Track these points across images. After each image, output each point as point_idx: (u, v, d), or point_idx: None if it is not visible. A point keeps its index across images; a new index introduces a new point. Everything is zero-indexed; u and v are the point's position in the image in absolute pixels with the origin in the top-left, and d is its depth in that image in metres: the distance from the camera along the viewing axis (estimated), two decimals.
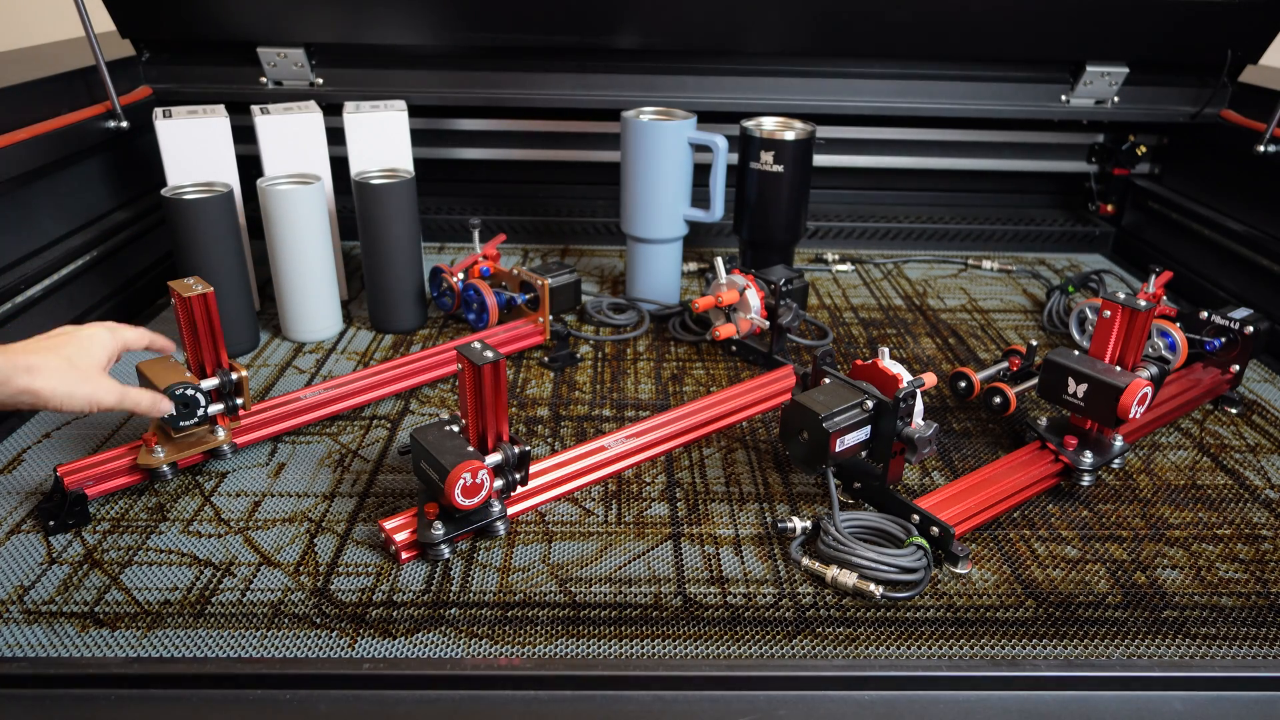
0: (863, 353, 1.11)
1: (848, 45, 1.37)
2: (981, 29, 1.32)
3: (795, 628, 0.66)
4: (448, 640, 0.64)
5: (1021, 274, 1.40)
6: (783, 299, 1.02)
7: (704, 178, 1.18)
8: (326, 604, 0.67)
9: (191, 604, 0.67)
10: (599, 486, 0.83)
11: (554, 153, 1.50)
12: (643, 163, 1.16)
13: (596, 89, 1.38)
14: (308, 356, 1.07)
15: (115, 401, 0.70)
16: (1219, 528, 0.78)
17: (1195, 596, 0.70)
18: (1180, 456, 0.90)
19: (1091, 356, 0.81)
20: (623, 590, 0.69)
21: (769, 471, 0.85)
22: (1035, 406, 0.98)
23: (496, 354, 0.70)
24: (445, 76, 1.37)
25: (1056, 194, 1.64)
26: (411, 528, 0.73)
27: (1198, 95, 1.40)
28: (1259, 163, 1.22)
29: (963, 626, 0.66)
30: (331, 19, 1.29)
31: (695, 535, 0.76)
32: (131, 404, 0.72)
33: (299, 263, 1.06)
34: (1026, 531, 0.77)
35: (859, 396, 0.74)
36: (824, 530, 0.72)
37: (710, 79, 1.39)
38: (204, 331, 0.79)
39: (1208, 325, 0.99)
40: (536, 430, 0.92)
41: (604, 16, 1.29)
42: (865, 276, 1.38)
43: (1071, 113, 1.43)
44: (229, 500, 0.79)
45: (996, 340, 1.16)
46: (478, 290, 1.11)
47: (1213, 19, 1.28)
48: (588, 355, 1.09)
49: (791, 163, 1.17)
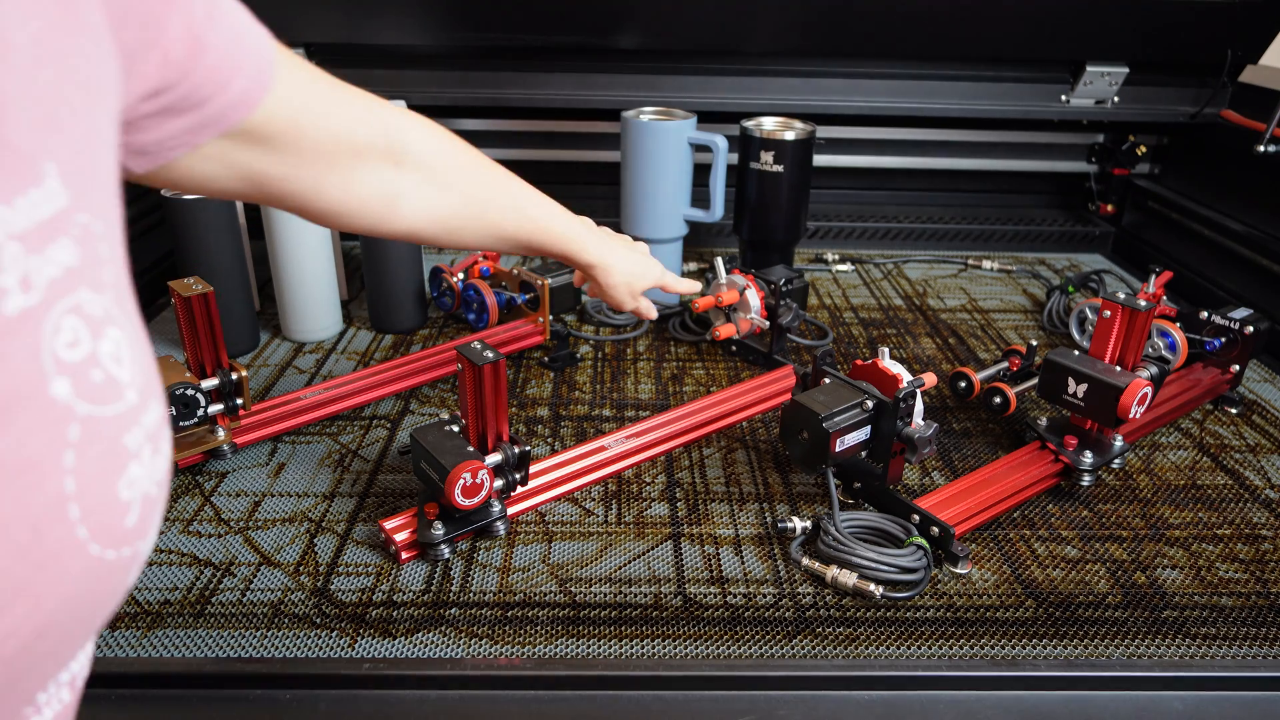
0: (863, 353, 1.11)
1: (848, 45, 1.37)
2: (981, 29, 1.32)
3: (795, 628, 0.66)
4: (448, 640, 0.64)
5: (1021, 274, 1.40)
6: (783, 299, 1.02)
7: (704, 178, 1.18)
8: (326, 604, 0.67)
9: (191, 604, 0.67)
10: (599, 486, 0.83)
11: (554, 153, 1.50)
12: (643, 163, 1.16)
13: (597, 89, 1.38)
14: (308, 356, 1.07)
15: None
16: (1219, 528, 0.78)
17: (1195, 596, 0.70)
18: (1180, 456, 0.90)
19: (1091, 356, 0.81)
20: (623, 590, 0.69)
21: (769, 471, 0.85)
22: (1035, 406, 0.98)
23: (496, 354, 0.70)
24: (445, 76, 1.37)
25: (1056, 194, 1.64)
26: (411, 528, 0.73)
27: (1198, 95, 1.40)
28: (1259, 163, 1.22)
29: (963, 626, 0.66)
30: (331, 19, 1.29)
31: (695, 535, 0.76)
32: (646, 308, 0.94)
33: (299, 263, 1.06)
34: (1026, 531, 0.77)
35: (859, 396, 0.74)
36: (824, 530, 0.72)
37: (710, 79, 1.39)
38: (204, 331, 0.79)
39: (1208, 325, 0.99)
40: (536, 430, 0.92)
41: (605, 16, 1.29)
42: (865, 276, 1.38)
43: (1071, 113, 1.43)
44: (229, 500, 0.79)
45: (996, 340, 1.16)
46: (478, 290, 1.11)
47: (1213, 19, 1.28)
48: (588, 355, 1.09)
49: (791, 163, 1.17)
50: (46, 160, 0.28)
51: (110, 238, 0.31)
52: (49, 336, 0.27)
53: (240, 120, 0.50)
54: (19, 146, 0.27)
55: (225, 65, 0.46)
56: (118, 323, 0.30)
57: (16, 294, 0.26)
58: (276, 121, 0.53)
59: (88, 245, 0.29)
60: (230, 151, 0.52)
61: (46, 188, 0.28)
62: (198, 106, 0.46)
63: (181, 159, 0.48)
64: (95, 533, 0.29)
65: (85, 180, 0.30)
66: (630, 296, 0.90)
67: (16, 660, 0.27)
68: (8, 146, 0.27)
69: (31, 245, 0.27)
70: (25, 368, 0.27)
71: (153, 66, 0.41)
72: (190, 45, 0.43)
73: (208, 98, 0.46)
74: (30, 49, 0.28)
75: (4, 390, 0.26)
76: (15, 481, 0.26)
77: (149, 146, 0.46)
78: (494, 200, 0.74)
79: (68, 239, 0.28)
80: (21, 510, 0.26)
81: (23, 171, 0.27)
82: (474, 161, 0.73)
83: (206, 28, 0.44)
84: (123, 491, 0.30)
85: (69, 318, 0.28)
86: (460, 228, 0.73)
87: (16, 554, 0.26)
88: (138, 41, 0.39)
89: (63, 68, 0.30)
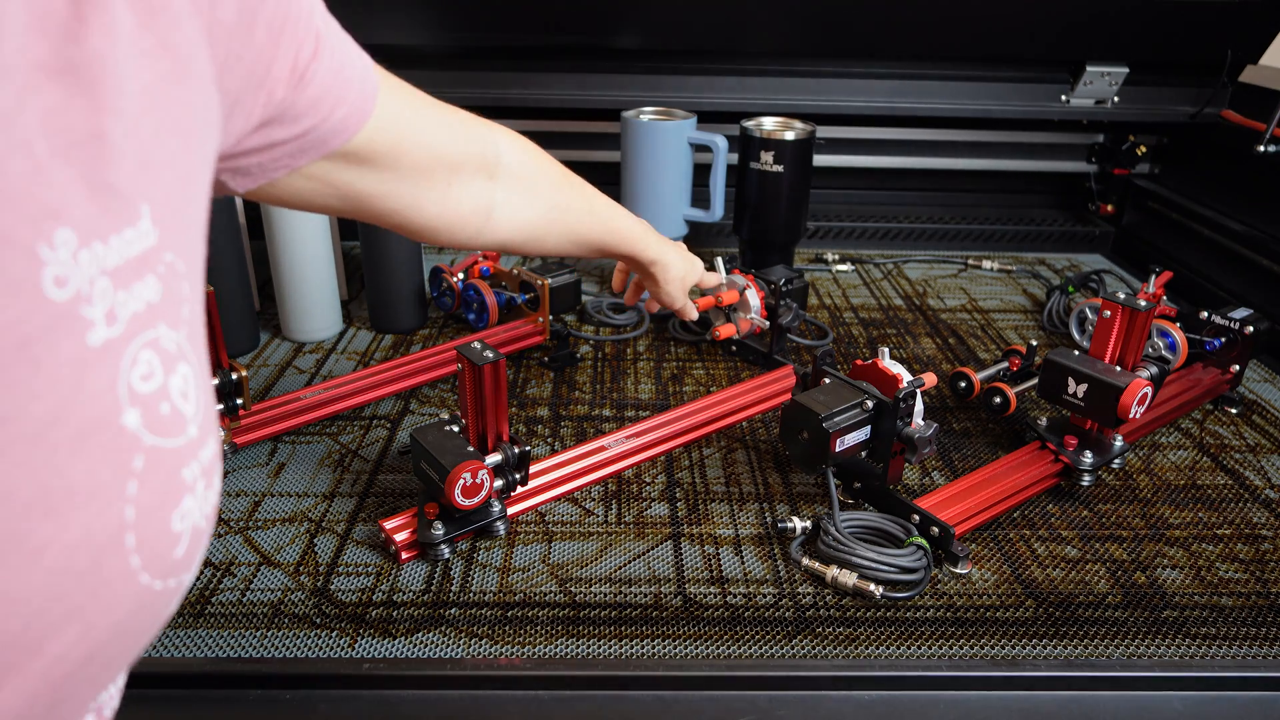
0: (863, 353, 1.11)
1: (848, 45, 1.37)
2: (981, 29, 1.32)
3: (795, 628, 0.66)
4: (448, 640, 0.64)
5: (1021, 274, 1.40)
6: (783, 299, 1.02)
7: (704, 178, 1.18)
8: (326, 604, 0.67)
9: (191, 604, 0.67)
10: (599, 486, 0.83)
11: (554, 153, 1.48)
12: (643, 163, 1.16)
13: (597, 89, 1.38)
14: (308, 356, 1.07)
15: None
16: (1219, 528, 0.78)
17: (1195, 596, 0.70)
18: (1180, 456, 0.90)
19: (1091, 356, 0.81)
20: (623, 590, 0.69)
21: (769, 471, 0.85)
22: (1035, 406, 0.98)
23: (496, 354, 0.70)
24: (445, 76, 1.37)
25: (1056, 194, 1.64)
26: (411, 528, 0.73)
27: (1198, 95, 1.40)
28: (1259, 163, 1.22)
29: (963, 626, 0.66)
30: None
31: (695, 535, 0.76)
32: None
33: (299, 263, 1.06)
34: (1026, 531, 0.77)
35: (859, 396, 0.74)
36: (824, 530, 0.72)
37: (710, 79, 1.39)
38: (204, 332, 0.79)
39: (1208, 325, 0.99)
40: (536, 430, 0.92)
41: (604, 16, 1.29)
42: (865, 276, 1.38)
43: (1071, 113, 1.43)
44: (229, 500, 0.79)
45: (996, 340, 1.16)
46: (478, 290, 1.11)
47: (1213, 19, 1.28)
48: (588, 355, 1.09)
49: (791, 163, 1.17)
50: (143, 201, 0.29)
51: (192, 276, 0.32)
52: (126, 369, 0.28)
53: (341, 144, 0.51)
54: (120, 188, 0.28)
55: (329, 97, 0.48)
56: (188, 359, 0.32)
57: (101, 327, 0.27)
58: (377, 144, 0.54)
59: (170, 283, 0.31)
60: (331, 172, 0.53)
61: (140, 227, 0.29)
62: (300, 136, 0.47)
63: (283, 179, 0.50)
64: (147, 562, 0.29)
65: (175, 221, 0.31)
66: (683, 293, 0.94)
67: (63, 685, 0.28)
68: (110, 189, 0.28)
69: (121, 280, 0.28)
70: (103, 397, 0.27)
71: (258, 106, 0.43)
72: (294, 83, 0.44)
73: (310, 128, 0.48)
74: (139, 97, 0.29)
75: (82, 418, 0.27)
76: (83, 507, 0.27)
77: (251, 169, 0.47)
78: (572, 206, 0.78)
79: (153, 276, 0.30)
80: (85, 536, 0.27)
81: (122, 211, 0.28)
82: (558, 170, 0.77)
83: (311, 65, 0.45)
84: (175, 523, 0.31)
85: (146, 351, 0.29)
86: (544, 235, 0.76)
87: (75, 579, 0.27)
88: (244, 87, 0.40)
89: (166, 116, 0.31)
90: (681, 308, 0.97)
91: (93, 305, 0.27)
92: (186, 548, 0.31)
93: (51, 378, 0.26)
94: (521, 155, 0.71)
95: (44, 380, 0.25)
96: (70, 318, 0.26)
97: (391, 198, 0.59)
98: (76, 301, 0.26)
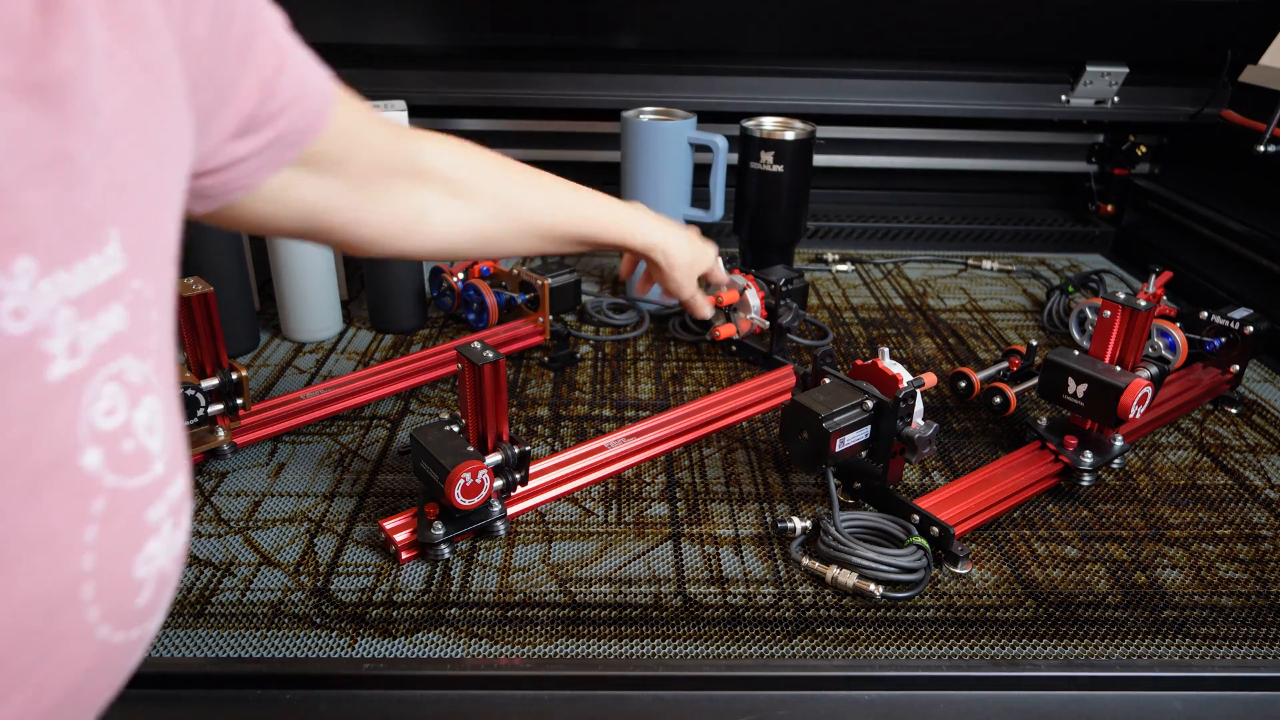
0: (863, 353, 1.11)
1: (848, 45, 1.37)
2: (982, 29, 1.32)
3: (795, 628, 0.66)
4: (448, 640, 0.64)
5: (1021, 274, 1.40)
6: (783, 299, 1.02)
7: (704, 178, 1.18)
8: (326, 604, 0.67)
9: (191, 604, 0.67)
10: (599, 486, 0.83)
11: (554, 153, 1.50)
12: (643, 163, 1.16)
13: (596, 89, 1.38)
14: (308, 356, 1.07)
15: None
16: (1219, 528, 0.78)
17: (1195, 596, 0.70)
18: (1180, 456, 0.90)
19: (1091, 356, 0.81)
20: (623, 590, 0.69)
21: (769, 471, 0.85)
22: (1035, 406, 0.98)
23: (496, 354, 0.70)
24: (445, 76, 1.37)
25: (1056, 194, 1.64)
26: (411, 528, 0.73)
27: (1198, 95, 1.40)
28: (1259, 163, 1.22)
29: (963, 626, 0.66)
30: (331, 19, 1.29)
31: (695, 535, 0.76)
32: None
33: (299, 263, 1.06)
34: (1026, 531, 0.77)
35: (859, 396, 0.74)
36: (824, 530, 0.72)
37: (710, 79, 1.39)
38: (204, 331, 0.79)
39: (1208, 325, 0.99)
40: (536, 430, 0.92)
41: (604, 16, 1.29)
42: (865, 276, 1.38)
43: (1071, 113, 1.43)
44: (229, 500, 0.79)
45: (996, 340, 1.16)
46: (478, 290, 1.11)
47: (1213, 19, 1.28)
48: (588, 355, 1.09)
49: (791, 163, 1.17)
50: (111, 226, 0.28)
51: (160, 303, 0.31)
52: (87, 405, 0.26)
53: (301, 151, 0.53)
54: (88, 212, 0.27)
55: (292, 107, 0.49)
56: (155, 390, 0.30)
57: (63, 360, 0.26)
58: (333, 149, 0.56)
59: (138, 311, 0.29)
60: (286, 187, 0.54)
61: (106, 253, 0.28)
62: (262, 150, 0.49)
63: (240, 199, 0.50)
64: (107, 613, 0.28)
65: (145, 246, 0.30)
66: (691, 282, 0.90)
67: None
68: (77, 212, 0.26)
69: (85, 310, 0.26)
70: (61, 438, 0.26)
71: (228, 121, 0.43)
72: (262, 97, 0.45)
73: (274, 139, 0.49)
74: (112, 116, 0.28)
75: (36, 461, 0.25)
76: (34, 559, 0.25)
77: (212, 189, 0.48)
78: (525, 201, 0.74)
79: (119, 304, 0.28)
80: (37, 591, 0.25)
81: (88, 237, 0.27)
82: (499, 167, 0.73)
83: (277, 79, 0.46)
84: (139, 569, 0.29)
85: (110, 385, 0.27)
86: (498, 236, 0.73)
87: (23, 639, 0.25)
88: (214, 102, 0.41)
89: (140, 135, 0.30)
90: (690, 299, 0.93)
91: (54, 337, 0.25)
92: (151, 595, 0.29)
93: (4, 419, 0.24)
94: (450, 157, 0.68)
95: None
96: (28, 353, 0.24)
97: (343, 210, 0.60)
98: (35, 335, 0.25)
